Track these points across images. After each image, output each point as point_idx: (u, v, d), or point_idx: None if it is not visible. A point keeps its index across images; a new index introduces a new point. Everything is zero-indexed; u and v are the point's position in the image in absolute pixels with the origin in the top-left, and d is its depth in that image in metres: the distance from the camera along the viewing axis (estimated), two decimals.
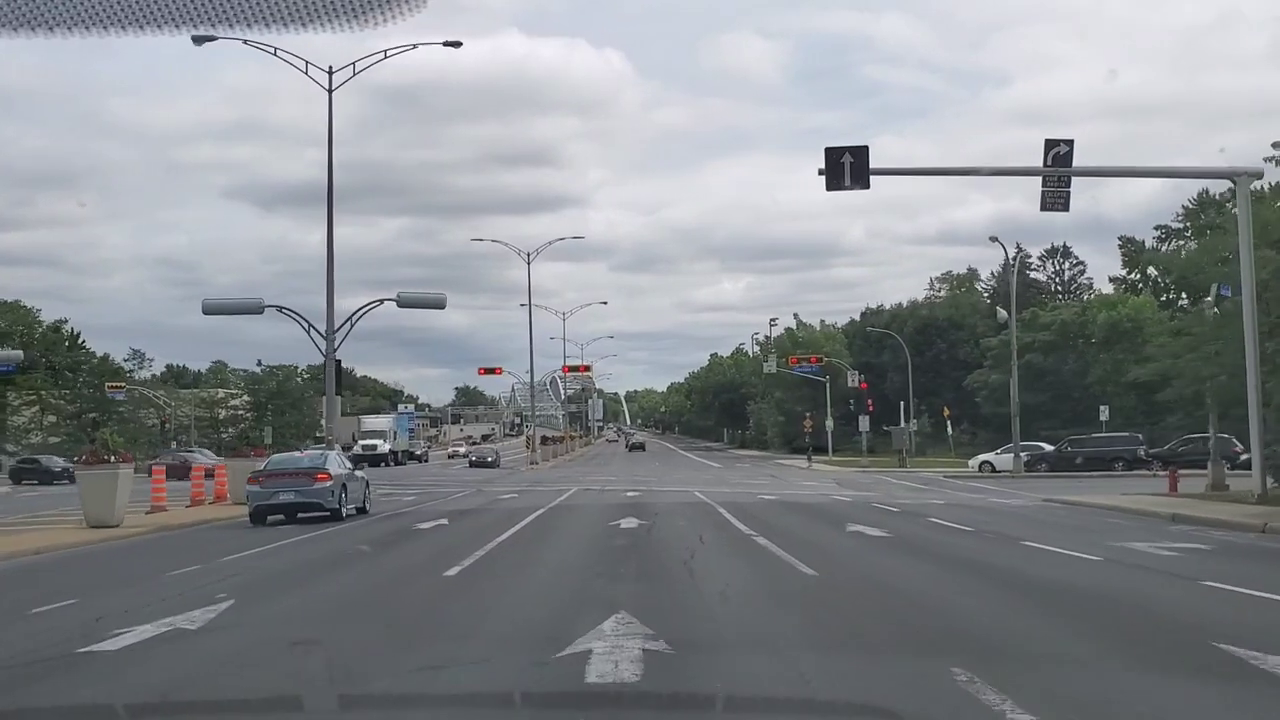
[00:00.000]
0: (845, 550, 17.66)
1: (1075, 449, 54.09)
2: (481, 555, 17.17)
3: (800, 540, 18.84)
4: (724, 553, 17.14)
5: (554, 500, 33.27)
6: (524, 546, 18.92)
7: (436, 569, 15.26)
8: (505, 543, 19.53)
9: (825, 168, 25.81)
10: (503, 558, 17.07)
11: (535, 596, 12.52)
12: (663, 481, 48.77)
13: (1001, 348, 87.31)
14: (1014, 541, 18.86)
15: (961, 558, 16.25)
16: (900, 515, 25.53)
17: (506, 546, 18.86)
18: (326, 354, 43.57)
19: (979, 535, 20.36)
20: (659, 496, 35.19)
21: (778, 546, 17.52)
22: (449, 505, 33.84)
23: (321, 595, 13.30)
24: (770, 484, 46.79)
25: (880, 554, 16.93)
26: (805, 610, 11.31)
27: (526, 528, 22.75)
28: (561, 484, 46.54)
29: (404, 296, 43.82)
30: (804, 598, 12.19)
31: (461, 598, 12.48)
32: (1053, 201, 26.11)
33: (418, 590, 13.58)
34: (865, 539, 19.49)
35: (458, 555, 16.90)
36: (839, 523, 23.14)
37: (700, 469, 72.27)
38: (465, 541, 19.54)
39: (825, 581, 13.60)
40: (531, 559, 16.77)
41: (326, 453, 30.01)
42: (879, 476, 56.42)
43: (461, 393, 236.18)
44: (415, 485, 48.72)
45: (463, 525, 24.50)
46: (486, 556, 17.05)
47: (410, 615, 11.42)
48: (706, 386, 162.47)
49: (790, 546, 17.39)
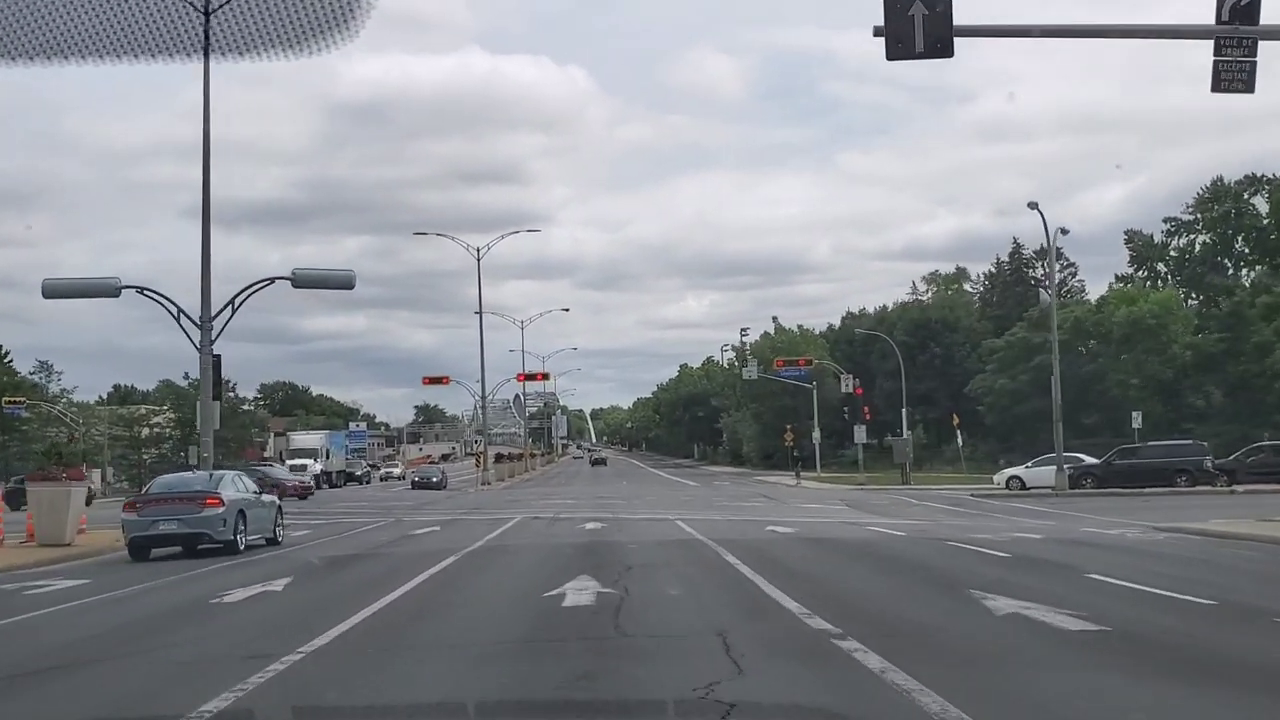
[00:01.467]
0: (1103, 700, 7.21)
1: (1127, 460, 45.06)
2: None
3: (955, 654, 8.84)
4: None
5: (482, 538, 23.86)
6: (345, 669, 9.00)
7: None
8: (308, 661, 9.14)
9: (885, 25, 16.67)
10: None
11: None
12: (633, 505, 39.40)
13: (1008, 349, 78.74)
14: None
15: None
16: (1035, 568, 15.91)
17: (299, 675, 8.61)
18: (202, 346, 34.30)
19: (1246, 617, 11.05)
20: (629, 528, 25.91)
21: (943, 699, 6.85)
22: (339, 543, 24.64)
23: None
24: (769, 508, 37.48)
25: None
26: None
27: (394, 605, 13.13)
28: (507, 509, 37.18)
29: (301, 274, 34.65)
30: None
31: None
32: (1230, 78, 17.12)
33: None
34: (1072, 642, 9.12)
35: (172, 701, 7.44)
36: (951, 587, 13.11)
37: (675, 487, 62.79)
38: (241, 646, 10.04)
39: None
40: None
41: (225, 473, 25.50)
42: (893, 495, 47.24)
43: (421, 410, 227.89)
44: (329, 513, 39.24)
45: (304, 592, 15.03)
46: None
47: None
48: (676, 399, 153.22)
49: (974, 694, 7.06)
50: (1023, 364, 75.13)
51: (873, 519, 29.94)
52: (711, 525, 26.39)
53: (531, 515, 32.92)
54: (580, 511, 34.79)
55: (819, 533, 23.77)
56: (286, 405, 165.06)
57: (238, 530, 22.44)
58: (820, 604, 11.30)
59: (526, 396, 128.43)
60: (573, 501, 43.01)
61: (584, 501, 42.74)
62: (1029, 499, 42.14)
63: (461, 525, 29.62)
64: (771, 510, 35.39)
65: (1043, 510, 34.87)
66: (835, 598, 12.40)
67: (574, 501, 43.09)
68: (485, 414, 73.32)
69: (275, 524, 24.79)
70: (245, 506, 23.16)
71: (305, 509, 43.36)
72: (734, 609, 11.69)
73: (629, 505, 39.08)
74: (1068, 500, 40.88)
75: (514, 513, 34.81)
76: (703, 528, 25.18)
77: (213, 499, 22.21)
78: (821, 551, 19.38)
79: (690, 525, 26.26)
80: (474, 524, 29.86)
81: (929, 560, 17.12)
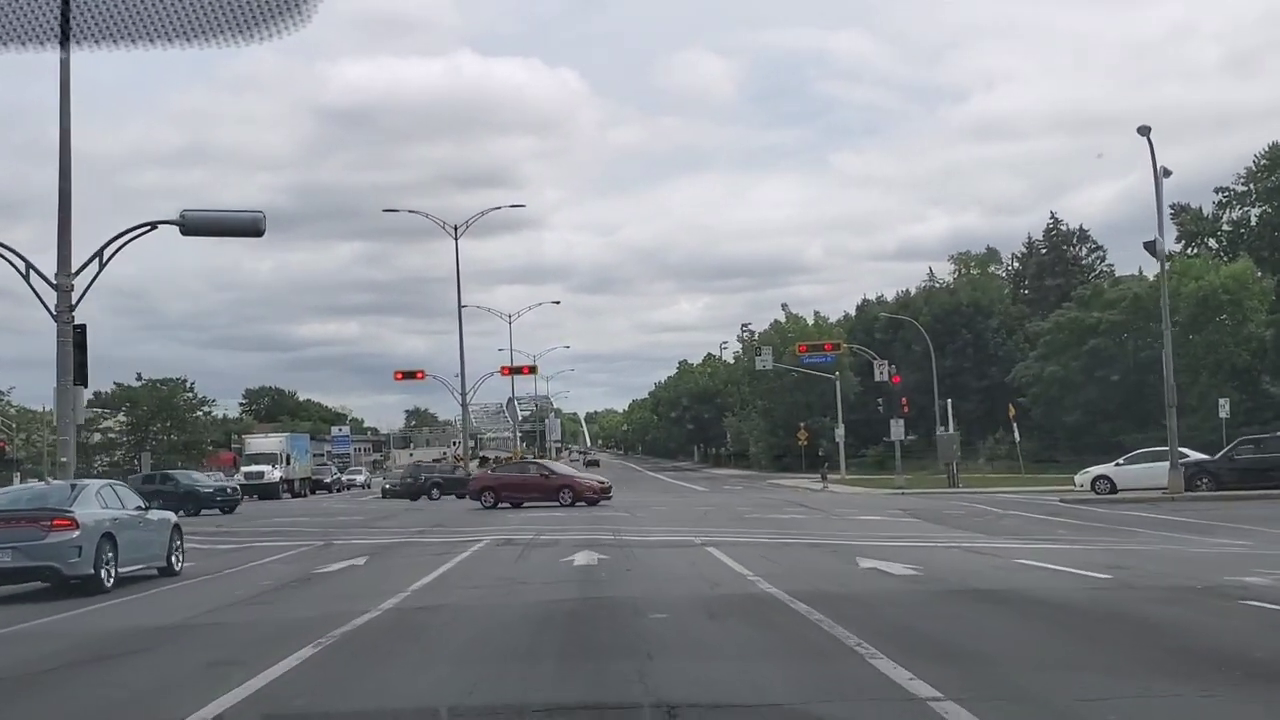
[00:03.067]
0: None
1: (1252, 454, 36.12)
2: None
3: None
4: None
5: (406, 588, 14.80)
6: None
7: None
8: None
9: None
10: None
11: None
12: (639, 520, 30.40)
13: (1056, 331, 69.85)
14: None
15: None
16: None
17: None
18: (58, 314, 26.10)
19: None
20: (644, 565, 17.04)
21: None
22: (193, 593, 15.82)
23: None
24: (818, 524, 28.46)
25: None
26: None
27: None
28: (475, 527, 28.20)
29: (192, 217, 26.23)
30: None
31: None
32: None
33: None
34: None
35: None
36: None
37: (683, 494, 53.56)
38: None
39: None
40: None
41: (89, 485, 19.42)
42: (957, 502, 38.30)
43: (412, 415, 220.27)
44: (251, 532, 30.38)
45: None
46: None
47: None
48: (675, 398, 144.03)
49: None
50: (1074, 348, 66.26)
51: (993, 542, 21.02)
52: (767, 558, 17.42)
53: (504, 537, 23.92)
54: (570, 531, 25.80)
55: (958, 575, 14.72)
56: (273, 411, 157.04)
57: (102, 561, 17.01)
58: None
59: (520, 400, 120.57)
60: (562, 514, 33.97)
61: (576, 514, 33.70)
62: (1137, 505, 33.26)
63: (397, 556, 20.67)
64: (825, 527, 26.39)
65: (1185, 520, 26.07)
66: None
67: (564, 514, 34.06)
68: (466, 409, 64.18)
69: (171, 548, 19.51)
70: (116, 528, 17.58)
71: (229, 525, 34.40)
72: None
73: (634, 520, 30.03)
74: (1188, 505, 32.06)
75: (482, 532, 25.79)
76: (758, 564, 16.21)
77: (62, 520, 16.69)
78: (1036, 627, 10.39)
79: (734, 558, 17.28)
80: (415, 553, 20.94)
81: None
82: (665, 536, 23.45)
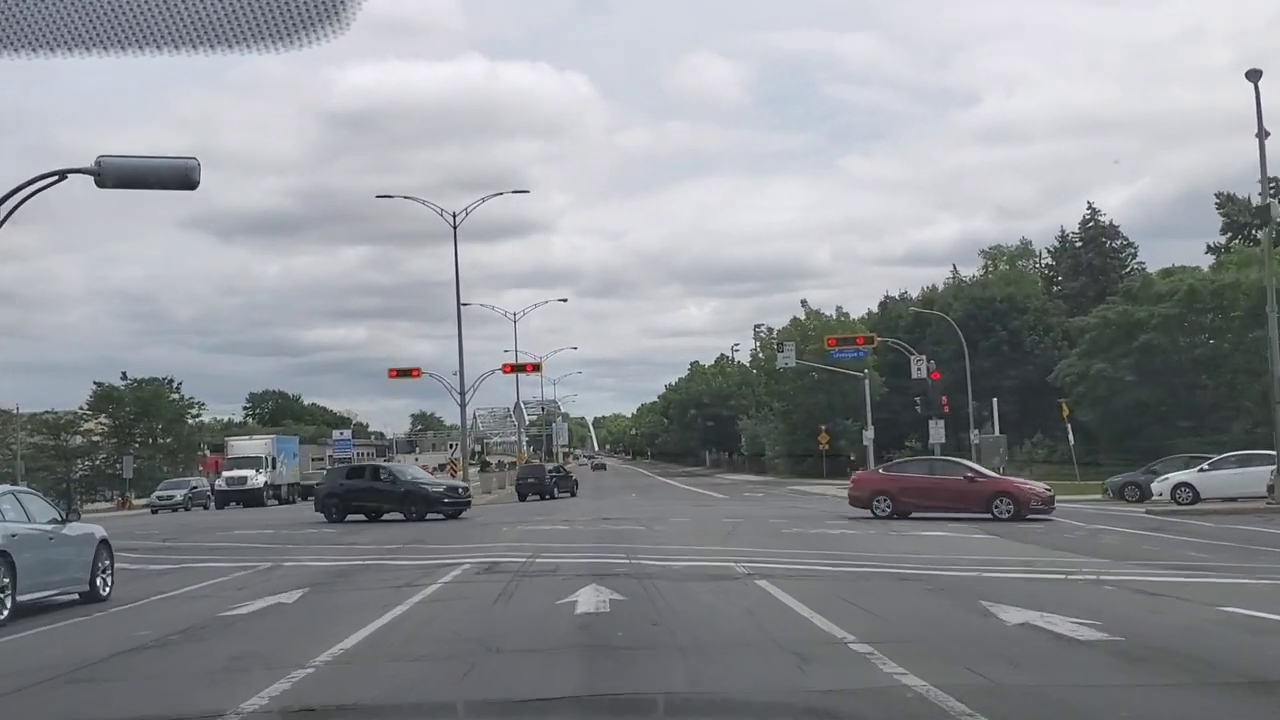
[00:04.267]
0: None
1: None
2: None
3: None
4: None
5: (332, 646, 9.83)
6: None
7: None
8: None
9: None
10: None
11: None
12: (657, 535, 25.33)
13: (1103, 326, 64.65)
14: None
15: None
16: None
17: None
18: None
19: None
20: (674, 607, 12.14)
21: None
22: (48, 643, 10.69)
23: None
24: (887, 544, 23.24)
25: None
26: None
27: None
28: (457, 545, 23.13)
29: (110, 164, 21.60)
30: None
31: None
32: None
33: None
34: None
35: None
36: None
37: (702, 502, 48.36)
38: None
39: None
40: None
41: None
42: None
43: (418, 419, 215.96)
44: (194, 549, 25.50)
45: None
46: None
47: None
48: (687, 400, 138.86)
49: None
50: (1122, 344, 61.07)
51: (1133, 572, 15.96)
52: (852, 602, 12.33)
53: (487, 562, 18.85)
54: (574, 551, 20.77)
55: (1181, 638, 9.57)
56: (276, 415, 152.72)
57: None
58: None
59: (527, 404, 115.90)
60: (565, 528, 28.90)
61: (582, 528, 28.61)
62: (1242, 516, 28.24)
63: (344, 588, 15.67)
64: (890, 549, 21.24)
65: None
66: None
67: (566, 528, 28.97)
68: (464, 409, 59.14)
69: (96, 569, 16.45)
70: (18, 548, 14.46)
71: (180, 537, 29.42)
72: None
73: (653, 536, 24.94)
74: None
75: (464, 554, 20.72)
76: (844, 612, 11.18)
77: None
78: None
79: (804, 600, 12.25)
80: (371, 584, 15.95)
81: None
82: (694, 560, 18.40)
